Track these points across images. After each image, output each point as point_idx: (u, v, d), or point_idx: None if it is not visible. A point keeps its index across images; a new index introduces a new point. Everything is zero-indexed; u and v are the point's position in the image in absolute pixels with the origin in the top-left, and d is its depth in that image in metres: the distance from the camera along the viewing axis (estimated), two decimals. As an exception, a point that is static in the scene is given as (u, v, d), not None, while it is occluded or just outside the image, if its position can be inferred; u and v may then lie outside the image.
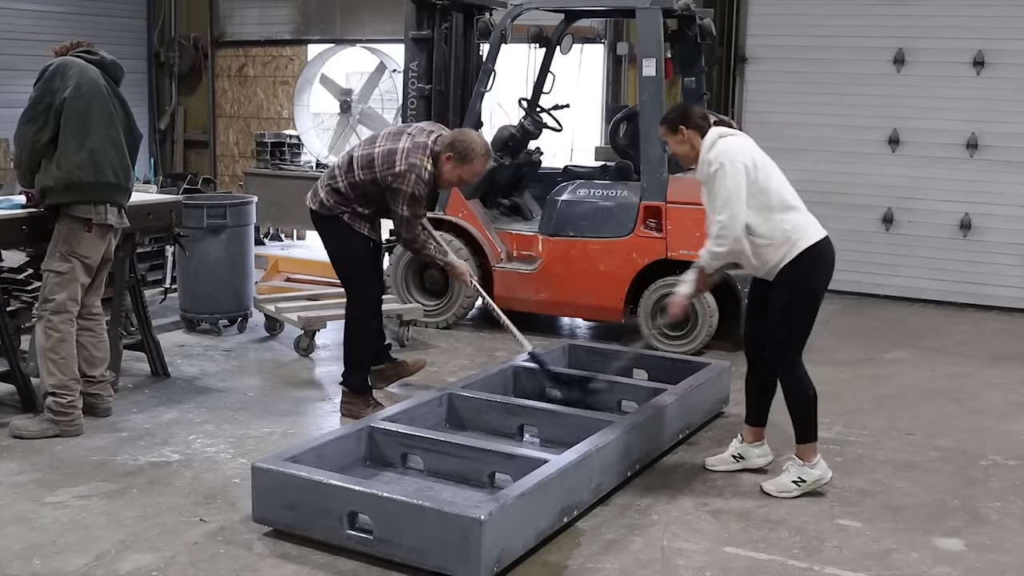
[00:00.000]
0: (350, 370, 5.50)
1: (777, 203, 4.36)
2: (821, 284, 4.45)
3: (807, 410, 4.50)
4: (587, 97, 10.09)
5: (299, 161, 10.60)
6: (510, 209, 7.83)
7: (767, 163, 4.44)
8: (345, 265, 5.49)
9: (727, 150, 4.36)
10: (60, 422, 4.97)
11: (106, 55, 5.10)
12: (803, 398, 4.49)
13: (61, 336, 4.97)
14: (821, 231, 4.43)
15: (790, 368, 4.49)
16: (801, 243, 4.34)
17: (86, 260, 4.99)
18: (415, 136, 5.19)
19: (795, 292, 4.40)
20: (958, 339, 7.63)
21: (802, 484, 4.45)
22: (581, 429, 4.53)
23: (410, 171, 5.06)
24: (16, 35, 10.64)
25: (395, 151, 5.13)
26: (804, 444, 4.50)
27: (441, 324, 7.39)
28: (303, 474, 3.90)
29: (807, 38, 9.11)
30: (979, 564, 3.90)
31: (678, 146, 4.52)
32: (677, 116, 4.55)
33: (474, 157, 5.13)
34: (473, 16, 7.64)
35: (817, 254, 4.37)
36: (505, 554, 3.65)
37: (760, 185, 4.34)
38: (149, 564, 3.71)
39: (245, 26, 12.32)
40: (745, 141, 4.48)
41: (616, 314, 7.05)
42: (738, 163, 4.31)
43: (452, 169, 5.15)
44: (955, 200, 8.73)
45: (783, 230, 4.35)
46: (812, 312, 4.46)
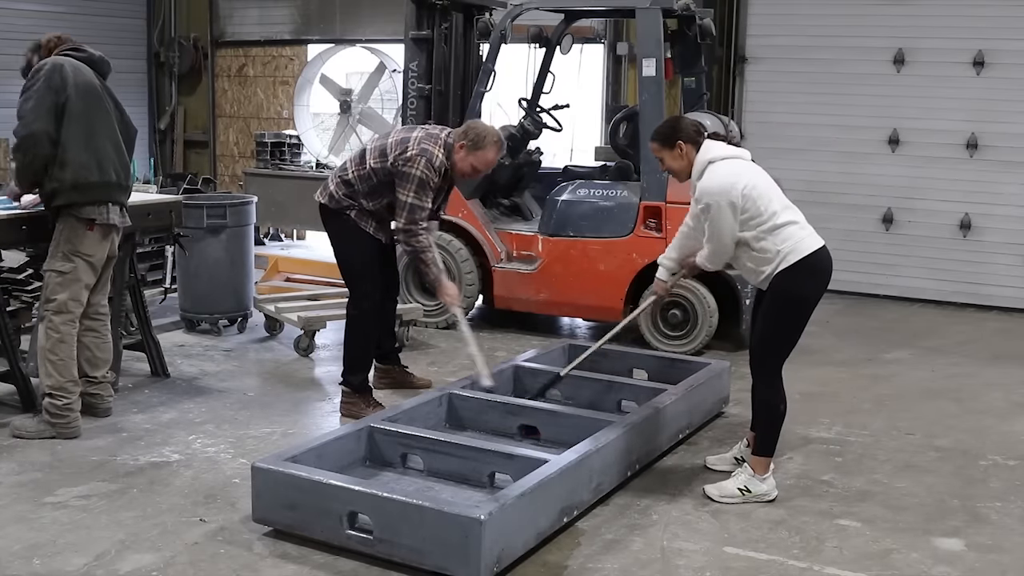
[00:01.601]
0: (350, 370, 5.50)
1: (769, 224, 4.30)
2: (812, 295, 4.38)
3: (773, 423, 4.45)
4: (587, 97, 10.09)
5: (299, 161, 10.60)
6: (510, 209, 7.83)
7: (759, 185, 4.32)
8: (349, 263, 5.49)
9: (712, 189, 4.28)
10: (56, 424, 4.95)
11: (94, 52, 5.06)
12: (773, 410, 4.44)
13: (61, 337, 4.95)
14: (816, 242, 4.35)
15: (767, 377, 4.44)
16: (791, 256, 4.28)
17: (89, 259, 4.97)
18: (429, 129, 5.32)
19: (783, 301, 4.35)
20: (958, 339, 7.64)
21: (746, 494, 4.37)
22: (581, 429, 4.53)
23: (421, 155, 5.12)
24: (16, 35, 10.62)
25: (408, 139, 5.22)
26: (760, 456, 4.44)
27: (441, 324, 7.39)
28: (303, 474, 3.90)
29: (807, 38, 9.11)
30: (979, 564, 3.90)
31: (674, 161, 4.47)
32: (672, 130, 4.49)
33: (487, 144, 5.19)
34: (473, 16, 7.64)
35: (809, 266, 4.30)
36: (505, 554, 3.66)
37: (751, 212, 4.28)
38: (149, 564, 3.71)
39: (245, 26, 12.32)
40: (734, 168, 4.35)
41: (616, 314, 7.03)
42: (723, 204, 4.25)
43: (465, 157, 5.21)
44: (955, 200, 8.73)
45: (775, 244, 4.30)
46: (799, 323, 4.40)
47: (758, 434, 4.50)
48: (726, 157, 4.39)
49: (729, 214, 4.27)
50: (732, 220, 4.28)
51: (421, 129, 5.32)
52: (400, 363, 6.00)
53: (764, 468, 4.44)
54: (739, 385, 5.97)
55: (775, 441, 4.48)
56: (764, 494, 4.40)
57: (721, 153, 4.40)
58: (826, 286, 4.44)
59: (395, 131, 5.44)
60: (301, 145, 10.65)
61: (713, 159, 4.36)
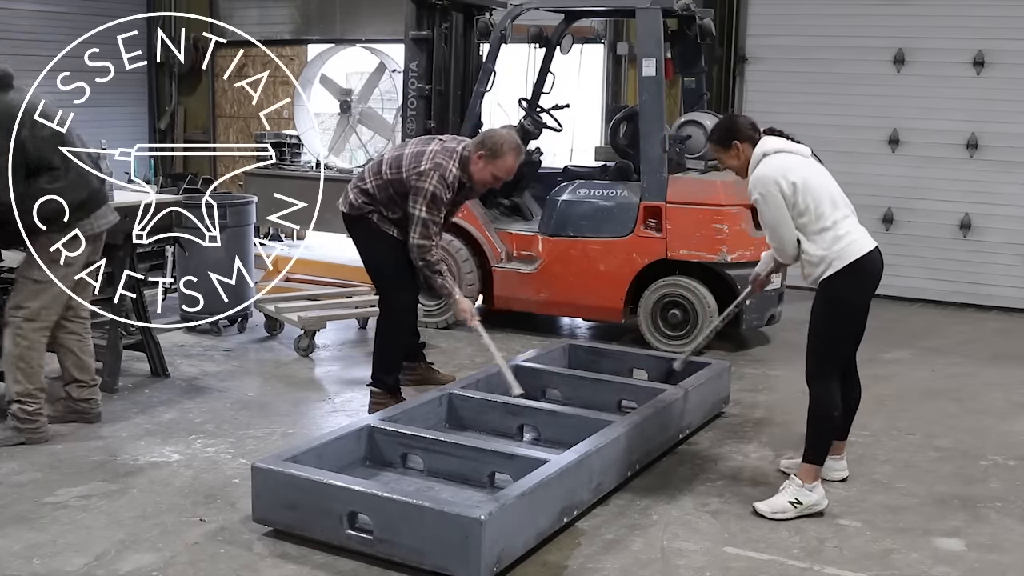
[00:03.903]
0: (384, 370, 5.52)
1: (815, 222, 4.25)
2: (860, 299, 4.32)
3: (825, 429, 4.37)
4: (587, 97, 10.09)
5: (299, 161, 10.60)
6: (510, 209, 7.82)
7: (811, 180, 4.28)
8: (379, 268, 5.53)
9: (763, 177, 4.27)
10: (24, 430, 4.90)
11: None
12: (825, 416, 4.35)
13: (30, 344, 4.85)
14: (866, 246, 4.29)
15: (820, 381, 4.35)
16: (837, 263, 4.23)
17: (69, 267, 4.77)
18: (446, 143, 5.31)
19: (830, 305, 4.30)
20: (958, 339, 7.63)
21: (798, 506, 4.26)
22: (581, 429, 4.53)
23: (434, 170, 5.12)
24: (16, 35, 10.64)
25: (423, 152, 5.22)
26: (809, 464, 4.34)
27: (441, 324, 7.39)
28: (303, 474, 3.90)
29: (807, 38, 9.11)
30: (979, 564, 3.90)
31: (731, 160, 4.48)
32: (727, 131, 4.49)
33: (505, 152, 5.16)
34: (473, 16, 7.64)
35: (857, 270, 4.24)
36: (505, 554, 3.65)
37: (800, 208, 4.25)
38: (149, 564, 3.71)
39: (245, 26, 12.27)
40: (787, 161, 4.32)
41: (616, 314, 7.05)
42: (773, 190, 4.23)
43: (484, 167, 5.20)
44: (955, 200, 8.73)
45: (820, 248, 4.26)
46: (849, 326, 4.35)
47: (807, 440, 4.38)
48: (780, 150, 4.36)
49: (780, 203, 4.24)
50: (784, 210, 4.25)
51: (438, 142, 5.30)
52: (425, 360, 6.03)
53: (813, 477, 4.31)
54: (739, 385, 5.97)
55: (826, 449, 4.39)
56: (815, 504, 4.28)
57: (776, 146, 4.38)
58: (874, 289, 4.37)
59: (412, 142, 5.43)
60: (301, 145, 10.65)
61: (767, 152, 4.36)
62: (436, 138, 5.41)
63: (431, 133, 6.89)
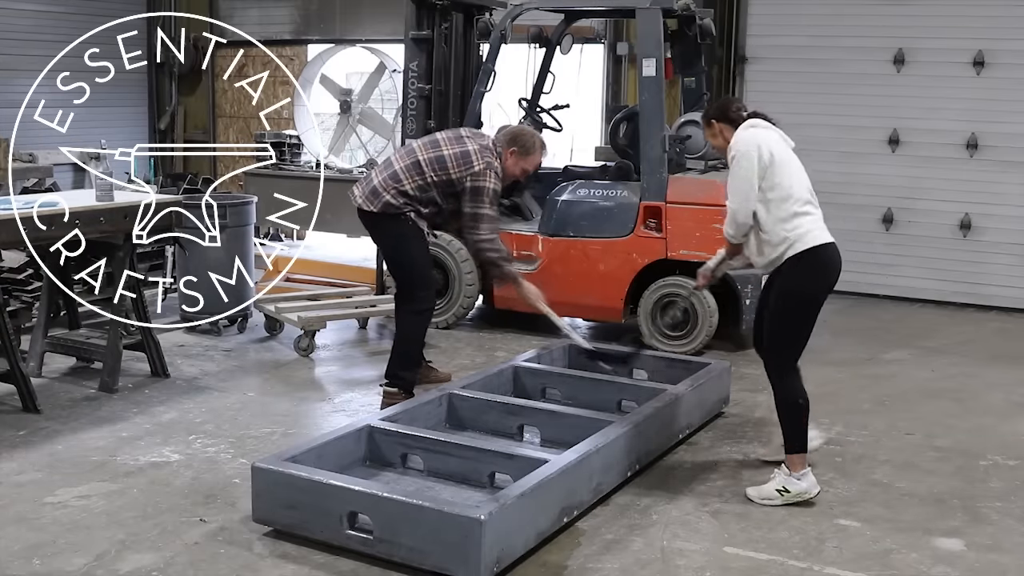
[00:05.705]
0: (405, 367, 5.56)
1: (783, 200, 4.34)
2: (819, 291, 4.40)
3: (796, 418, 4.44)
4: (587, 97, 10.08)
5: (299, 161, 10.59)
6: (510, 209, 7.82)
7: (787, 160, 4.42)
8: (409, 266, 5.54)
9: (745, 139, 4.41)
10: None
11: None
12: (793, 406, 4.44)
13: None
14: (825, 237, 4.38)
15: (781, 373, 4.44)
16: (798, 245, 4.31)
17: None
18: (475, 139, 5.43)
19: (789, 296, 4.38)
20: (958, 339, 7.63)
21: (786, 495, 4.35)
22: (581, 429, 4.53)
23: (489, 168, 5.30)
24: (16, 35, 10.63)
25: (468, 152, 5.32)
26: (792, 454, 4.43)
27: (441, 324, 7.38)
28: (303, 474, 3.90)
29: (807, 38, 9.10)
30: (979, 564, 3.90)
31: (712, 139, 4.69)
32: (712, 111, 4.69)
33: (535, 149, 5.47)
34: (473, 16, 7.64)
35: (815, 259, 4.33)
36: (505, 554, 3.65)
37: (771, 180, 4.34)
38: (149, 564, 3.71)
39: (245, 26, 12.25)
40: (769, 134, 4.47)
41: (616, 314, 7.05)
42: (752, 152, 4.35)
43: (516, 162, 5.45)
44: (955, 200, 8.73)
45: (784, 228, 4.33)
46: (807, 318, 4.41)
47: (783, 431, 4.50)
48: (765, 129, 4.51)
49: (754, 164, 4.33)
50: (753, 174, 4.33)
51: (471, 140, 5.40)
52: (425, 359, 6.03)
53: (799, 465, 4.41)
54: (739, 385, 5.97)
55: (803, 436, 4.46)
56: (804, 492, 4.37)
57: (760, 124, 4.53)
58: (832, 283, 4.44)
59: (443, 141, 5.42)
60: (301, 145, 10.64)
61: (751, 125, 4.50)
62: (464, 135, 5.47)
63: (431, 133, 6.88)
